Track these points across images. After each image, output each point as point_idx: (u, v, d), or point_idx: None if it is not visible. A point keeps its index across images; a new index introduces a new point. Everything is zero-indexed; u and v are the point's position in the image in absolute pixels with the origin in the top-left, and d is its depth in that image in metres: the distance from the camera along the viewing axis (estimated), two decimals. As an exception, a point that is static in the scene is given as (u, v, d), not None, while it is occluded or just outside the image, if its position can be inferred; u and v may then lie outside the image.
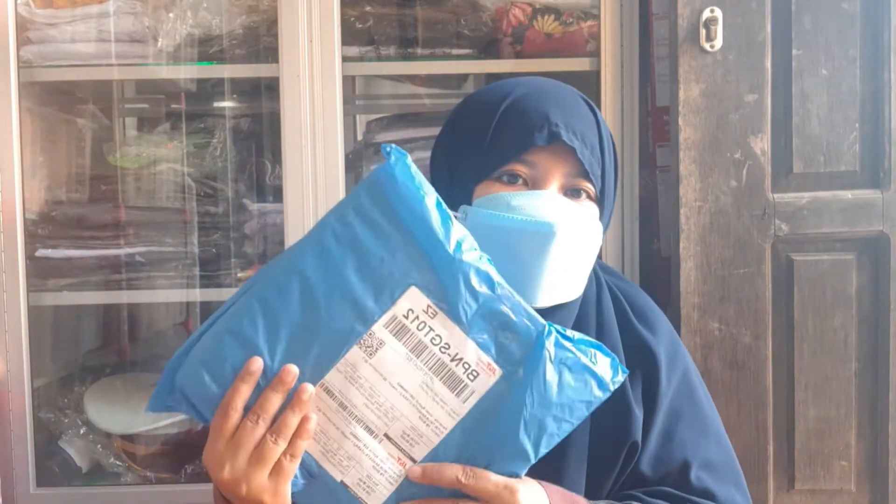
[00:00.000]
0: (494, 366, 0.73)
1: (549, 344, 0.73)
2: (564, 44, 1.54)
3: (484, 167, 0.81)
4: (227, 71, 1.60)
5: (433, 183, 0.89)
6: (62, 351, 1.72)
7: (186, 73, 1.61)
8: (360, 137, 1.80)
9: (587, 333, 0.83)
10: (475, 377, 0.73)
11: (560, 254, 0.78)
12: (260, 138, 1.68)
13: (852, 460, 1.39)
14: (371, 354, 0.73)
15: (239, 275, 1.58)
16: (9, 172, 1.46)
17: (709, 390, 0.96)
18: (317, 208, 1.46)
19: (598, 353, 0.75)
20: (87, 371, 1.70)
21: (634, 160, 1.49)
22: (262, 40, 1.54)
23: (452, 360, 0.73)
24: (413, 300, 0.73)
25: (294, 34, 1.44)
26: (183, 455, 1.57)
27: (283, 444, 0.71)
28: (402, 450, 0.74)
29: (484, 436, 0.74)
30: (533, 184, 0.81)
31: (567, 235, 0.78)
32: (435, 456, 0.74)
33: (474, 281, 0.72)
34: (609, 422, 0.85)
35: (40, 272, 1.51)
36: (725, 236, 1.35)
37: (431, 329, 0.73)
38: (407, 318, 0.73)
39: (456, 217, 0.75)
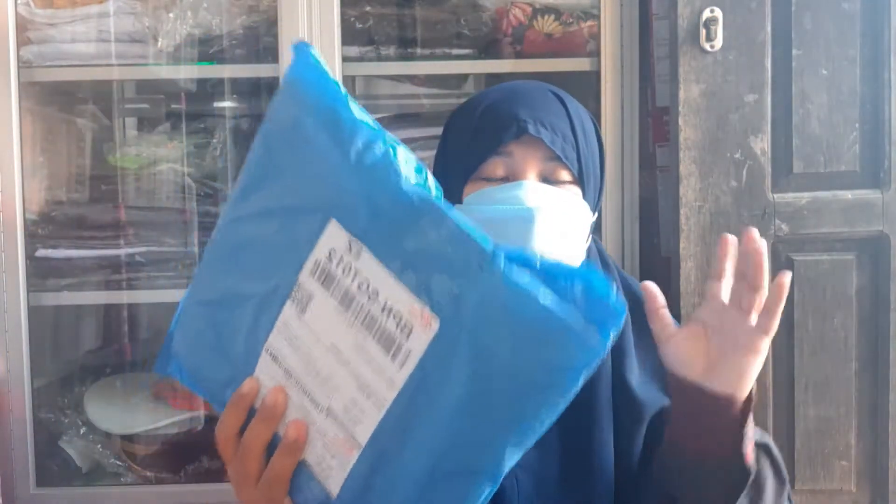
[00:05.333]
0: (430, 314, 0.55)
1: (498, 272, 0.53)
2: (564, 44, 1.54)
3: (467, 167, 0.88)
4: (227, 71, 1.60)
5: None
6: (62, 351, 1.71)
7: (186, 73, 1.61)
8: (360, 137, 1.79)
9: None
10: (409, 333, 0.55)
11: (545, 233, 0.83)
12: (260, 138, 1.68)
13: (852, 460, 1.39)
14: (302, 310, 0.59)
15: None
16: (9, 172, 1.46)
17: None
18: (317, 208, 1.45)
19: (584, 286, 0.53)
20: (87, 371, 1.70)
21: (634, 160, 1.49)
22: (262, 40, 1.54)
23: (383, 312, 0.56)
24: (334, 237, 0.58)
25: (294, 34, 1.44)
26: (183, 455, 1.57)
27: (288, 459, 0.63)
28: (345, 428, 0.58)
29: (434, 419, 0.56)
30: (513, 176, 0.87)
31: (547, 216, 0.83)
32: (378, 440, 0.57)
33: (386, 195, 0.55)
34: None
35: (40, 272, 1.51)
36: (725, 236, 1.35)
37: (357, 272, 0.57)
38: (331, 260, 0.58)
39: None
